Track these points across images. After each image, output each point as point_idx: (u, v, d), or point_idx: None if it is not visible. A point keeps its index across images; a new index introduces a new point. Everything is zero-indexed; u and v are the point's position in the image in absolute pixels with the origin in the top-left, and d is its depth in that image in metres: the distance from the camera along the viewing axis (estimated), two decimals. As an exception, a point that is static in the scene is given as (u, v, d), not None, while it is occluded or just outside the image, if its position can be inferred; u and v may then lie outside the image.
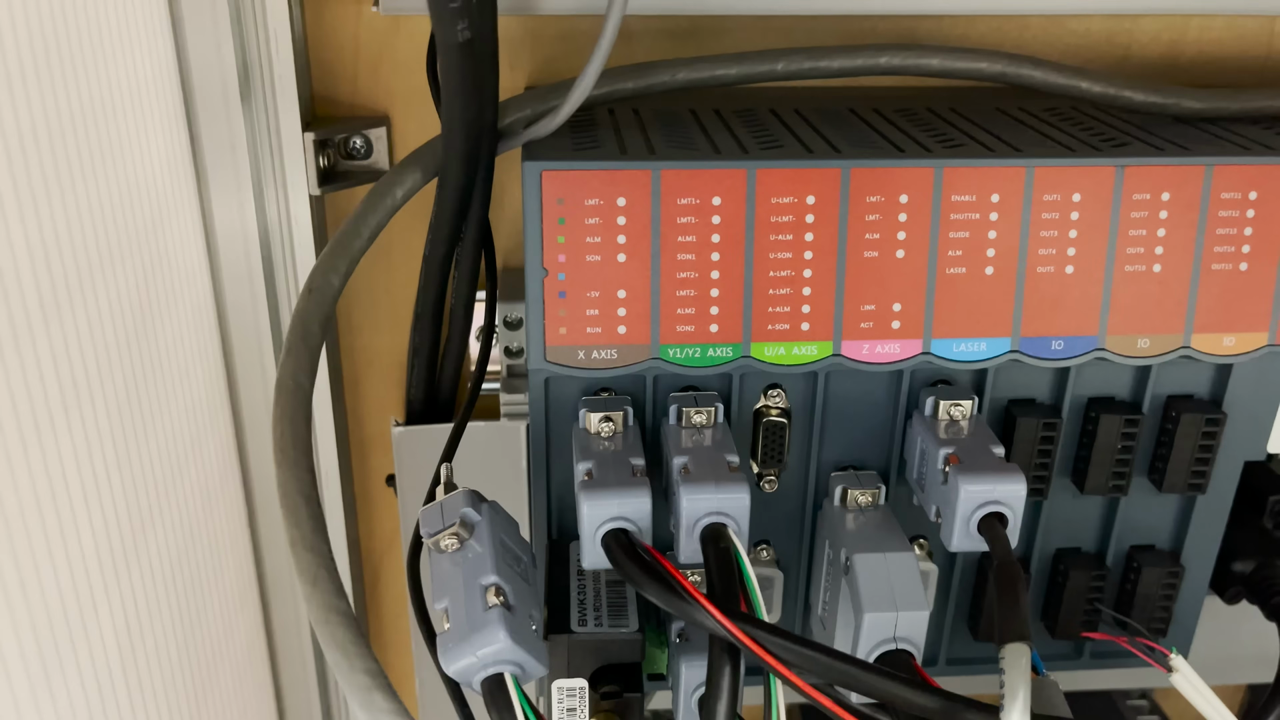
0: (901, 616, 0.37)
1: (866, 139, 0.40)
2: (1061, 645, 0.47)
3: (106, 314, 0.35)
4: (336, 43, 0.47)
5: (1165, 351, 0.40)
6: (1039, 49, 0.50)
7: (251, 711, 0.52)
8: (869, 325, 0.38)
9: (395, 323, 0.53)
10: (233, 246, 0.47)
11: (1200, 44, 0.50)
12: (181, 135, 0.44)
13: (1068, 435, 0.42)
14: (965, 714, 0.32)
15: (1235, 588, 0.46)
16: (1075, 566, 0.44)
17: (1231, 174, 0.38)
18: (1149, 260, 0.39)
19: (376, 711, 0.29)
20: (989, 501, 0.37)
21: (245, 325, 0.48)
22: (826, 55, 0.42)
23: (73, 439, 0.33)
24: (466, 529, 0.34)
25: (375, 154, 0.48)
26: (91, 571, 0.33)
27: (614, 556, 0.35)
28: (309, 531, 0.31)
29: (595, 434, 0.39)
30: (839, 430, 0.42)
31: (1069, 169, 0.38)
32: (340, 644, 0.30)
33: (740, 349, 0.39)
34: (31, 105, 0.31)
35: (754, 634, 0.31)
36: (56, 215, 0.32)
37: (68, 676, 0.33)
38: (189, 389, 0.43)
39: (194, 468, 0.44)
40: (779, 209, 0.37)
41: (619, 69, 0.42)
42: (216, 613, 0.46)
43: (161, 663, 0.39)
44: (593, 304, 0.38)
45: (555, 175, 0.36)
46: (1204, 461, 0.42)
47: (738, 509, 0.35)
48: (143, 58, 0.39)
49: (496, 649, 0.31)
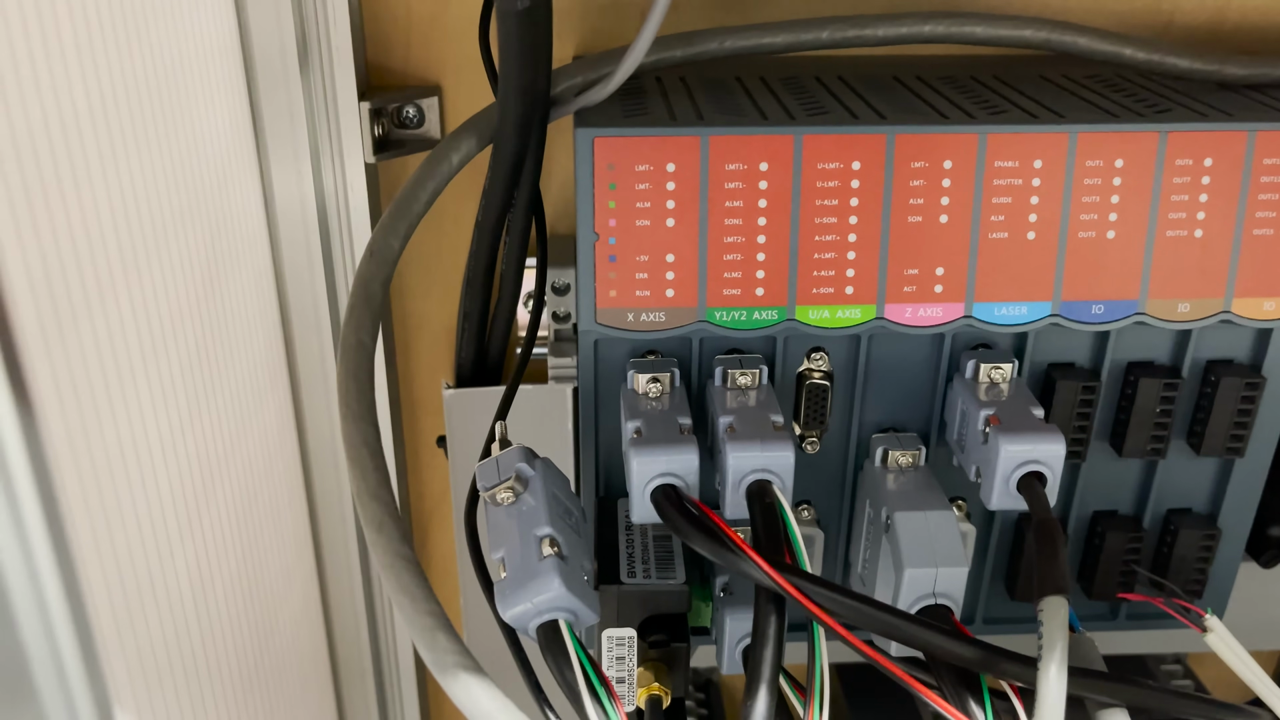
0: (941, 572, 0.38)
1: (911, 105, 0.40)
2: (1098, 606, 0.47)
3: (180, 272, 0.37)
4: (390, 14, 0.48)
5: (1205, 316, 0.40)
6: (1082, 16, 0.50)
7: (308, 666, 0.54)
8: (912, 289, 0.39)
9: (446, 288, 0.54)
10: (291, 212, 0.49)
11: (1244, 10, 0.50)
12: (243, 103, 0.45)
13: (1107, 398, 0.43)
14: (1003, 664, 0.34)
15: (1271, 552, 0.47)
16: (1112, 528, 0.45)
17: (1275, 140, 0.38)
18: (1190, 225, 0.39)
19: (440, 651, 0.30)
20: (1029, 461, 0.37)
21: (302, 288, 0.50)
22: (871, 23, 0.42)
23: (150, 390, 0.34)
24: (521, 483, 0.35)
25: (428, 123, 0.49)
26: (169, 520, 0.35)
27: (663, 510, 0.36)
28: (375, 483, 0.33)
29: (643, 394, 0.40)
30: (880, 393, 0.42)
31: (1112, 135, 0.38)
32: (406, 588, 0.31)
33: (785, 312, 0.40)
34: (111, 68, 0.32)
35: (799, 584, 0.33)
36: (135, 175, 0.33)
37: (149, 618, 0.35)
38: (251, 347, 0.45)
39: (257, 423, 0.45)
40: (825, 174, 0.38)
41: (667, 37, 0.43)
42: (276, 568, 0.48)
43: (230, 607, 0.41)
44: (642, 268, 0.39)
45: (607, 142, 0.37)
46: (1242, 425, 0.43)
47: (783, 466, 0.36)
48: (207, 27, 0.41)
49: (552, 596, 0.32)
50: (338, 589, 0.57)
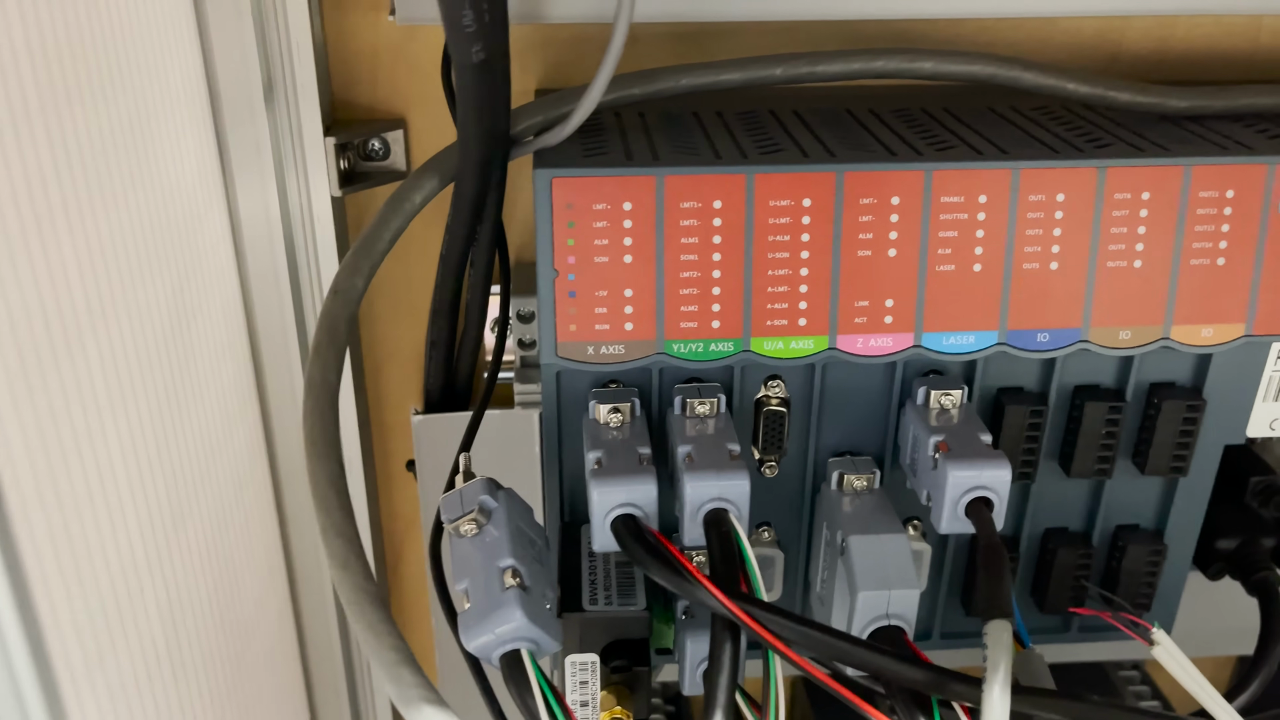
0: (894, 594, 0.39)
1: (861, 142, 0.42)
2: (1051, 619, 0.49)
3: (149, 315, 0.37)
4: (355, 50, 0.49)
5: (1146, 343, 0.42)
6: (1032, 46, 0.51)
7: (282, 687, 0.55)
8: (863, 320, 0.41)
9: (415, 316, 0.55)
10: (259, 246, 0.49)
11: (1189, 40, 0.52)
12: (210, 142, 0.46)
13: (1055, 421, 0.44)
14: (951, 685, 0.35)
15: (1218, 564, 0.48)
16: (1063, 545, 0.46)
17: (1209, 173, 0.40)
18: (1130, 256, 0.41)
19: (403, 685, 0.31)
20: (976, 486, 0.39)
21: (271, 321, 0.51)
22: (823, 60, 0.43)
23: (119, 435, 0.35)
24: (484, 515, 0.36)
25: (393, 155, 0.50)
26: (138, 557, 0.36)
27: (622, 540, 0.37)
28: (339, 519, 0.34)
29: (605, 424, 0.41)
30: (836, 418, 0.44)
31: (1053, 170, 0.39)
32: (370, 623, 0.32)
33: (741, 344, 0.41)
34: (75, 120, 0.33)
35: (753, 612, 0.34)
36: (101, 225, 0.34)
37: (119, 656, 0.36)
38: (220, 381, 0.46)
39: (226, 456, 0.46)
40: (777, 211, 0.39)
41: (626, 75, 0.44)
42: (249, 594, 0.49)
43: (202, 641, 0.41)
44: (601, 302, 0.40)
45: (565, 182, 0.38)
46: (1185, 446, 0.44)
47: (738, 495, 0.38)
48: (174, 70, 0.42)
49: (513, 627, 0.33)
50: (312, 614, 0.58)
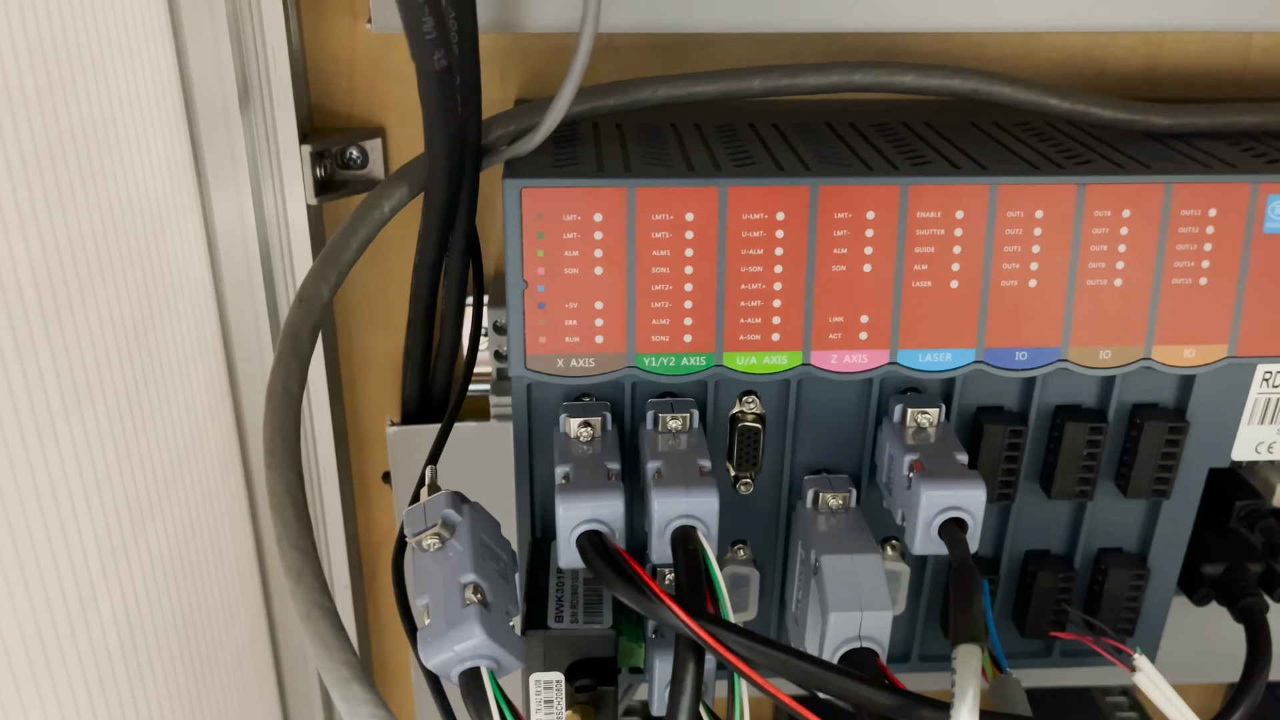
0: (866, 616, 0.38)
1: (837, 155, 0.41)
2: (1032, 643, 0.48)
3: (108, 320, 0.37)
4: (332, 57, 0.49)
5: (1126, 363, 0.41)
6: (1016, 63, 0.51)
7: (253, 699, 0.54)
8: (837, 336, 0.40)
9: (392, 325, 0.55)
10: (233, 253, 0.49)
11: (1177, 57, 0.51)
12: (184, 147, 0.46)
13: (1035, 441, 0.44)
14: (920, 711, 0.34)
15: (1204, 589, 0.48)
16: (1044, 568, 0.46)
17: (1191, 192, 0.39)
18: (1110, 275, 0.40)
19: (354, 702, 0.30)
20: (949, 507, 0.38)
21: (246, 329, 0.50)
22: (802, 73, 0.43)
23: (74, 440, 0.35)
24: (448, 529, 0.35)
25: (371, 164, 0.50)
26: (91, 564, 0.35)
27: (587, 557, 0.36)
28: (295, 532, 0.33)
29: (574, 438, 0.40)
30: (812, 435, 0.43)
31: (1032, 187, 0.39)
32: (322, 637, 0.31)
33: (713, 358, 0.40)
34: (32, 120, 0.33)
35: (716, 633, 0.33)
36: (58, 226, 0.34)
37: (68, 663, 0.35)
38: (189, 390, 0.45)
39: (194, 465, 0.46)
40: (750, 225, 0.38)
41: (602, 86, 0.43)
42: (217, 603, 0.48)
43: (161, 650, 0.41)
44: (571, 314, 0.39)
45: (534, 192, 0.38)
46: (1167, 468, 0.43)
47: (707, 513, 0.37)
48: (145, 73, 0.41)
49: (473, 644, 0.32)
50: (287, 627, 0.58)
